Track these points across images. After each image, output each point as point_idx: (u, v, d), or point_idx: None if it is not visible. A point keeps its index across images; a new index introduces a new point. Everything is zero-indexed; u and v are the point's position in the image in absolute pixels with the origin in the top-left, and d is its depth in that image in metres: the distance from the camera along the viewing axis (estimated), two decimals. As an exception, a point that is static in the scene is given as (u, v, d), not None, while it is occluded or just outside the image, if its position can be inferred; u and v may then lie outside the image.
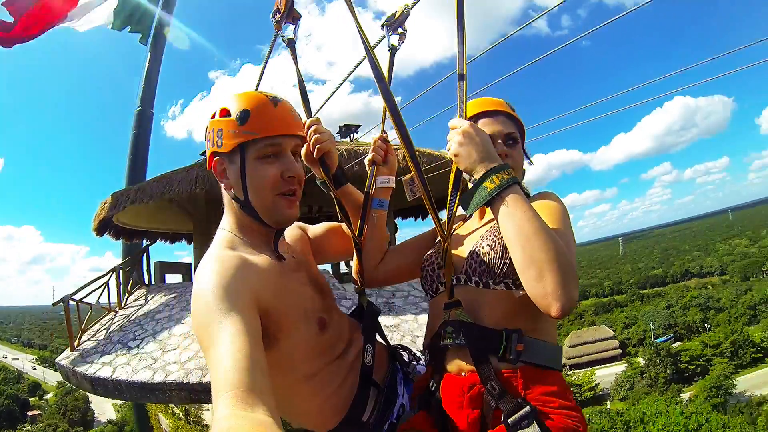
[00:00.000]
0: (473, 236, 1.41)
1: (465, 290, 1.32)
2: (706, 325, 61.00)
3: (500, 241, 1.26)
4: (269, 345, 1.15)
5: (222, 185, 1.36)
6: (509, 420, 1.13)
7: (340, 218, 1.60)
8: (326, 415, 1.39)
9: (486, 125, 1.43)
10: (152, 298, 9.20)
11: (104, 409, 44.67)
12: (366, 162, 1.64)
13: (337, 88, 3.88)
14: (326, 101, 4.14)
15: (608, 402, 44.42)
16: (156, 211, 10.84)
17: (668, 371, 47.34)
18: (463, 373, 1.26)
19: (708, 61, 3.74)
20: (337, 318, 1.49)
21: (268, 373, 0.92)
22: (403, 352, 1.67)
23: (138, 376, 6.42)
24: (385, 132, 1.66)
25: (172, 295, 8.91)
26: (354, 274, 1.64)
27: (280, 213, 1.33)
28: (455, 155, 1.23)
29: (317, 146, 1.43)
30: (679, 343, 58.26)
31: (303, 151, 1.44)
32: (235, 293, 1.07)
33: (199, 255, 10.95)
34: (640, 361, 51.28)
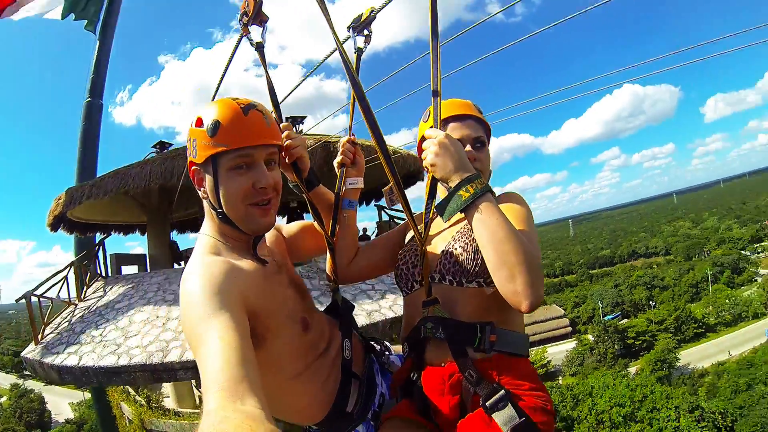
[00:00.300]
0: (443, 237, 1.59)
1: (440, 288, 1.50)
2: (651, 302, 66.47)
3: (471, 243, 1.45)
4: (257, 346, 1.22)
5: (200, 193, 1.44)
6: (487, 403, 1.33)
7: (312, 218, 1.75)
8: (314, 410, 1.56)
9: (455, 129, 1.58)
10: (110, 289, 9.82)
11: (61, 409, 45.15)
12: (335, 164, 1.76)
13: (303, 80, 4.20)
14: (290, 93, 4.40)
15: (560, 378, 47.64)
16: (110, 205, 11.28)
17: (616, 347, 51.57)
18: (442, 364, 1.46)
19: (661, 57, 4.25)
20: (317, 317, 1.66)
21: (258, 369, 0.98)
22: (376, 344, 1.87)
23: (104, 361, 7.09)
24: (353, 134, 1.80)
25: (130, 285, 9.52)
26: (328, 272, 1.79)
27: (254, 223, 1.42)
28: (432, 165, 1.36)
29: (290, 152, 1.57)
30: (626, 320, 63.34)
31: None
32: (223, 294, 1.16)
33: (154, 245, 11.88)
34: (590, 338, 54.89)
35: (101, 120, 16.70)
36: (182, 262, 12.21)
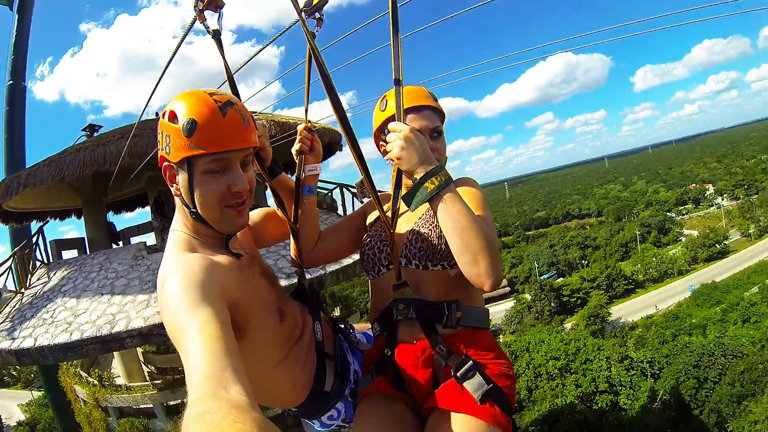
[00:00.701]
0: (407, 223, 1.80)
1: (407, 271, 1.73)
2: (584, 261, 73.07)
3: (435, 229, 1.69)
4: (238, 338, 1.28)
5: (172, 189, 1.50)
6: (458, 374, 1.58)
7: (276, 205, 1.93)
8: (295, 394, 1.77)
9: (413, 121, 1.74)
10: (54, 274, 10.64)
11: (11, 412, 45.83)
12: (293, 151, 1.88)
13: (258, 52, 4.34)
14: (235, 72, 4.75)
15: (500, 336, 50.78)
16: (45, 192, 11.64)
17: (552, 304, 56.24)
18: (414, 341, 1.71)
19: (594, 32, 4.65)
20: (290, 305, 1.82)
21: (241, 358, 1.04)
22: (341, 324, 2.07)
23: (57, 339, 8.01)
24: (309, 122, 1.92)
25: (73, 269, 10.38)
26: (293, 257, 1.96)
27: (229, 223, 1.51)
28: (398, 158, 1.53)
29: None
30: (561, 278, 69.44)
31: None
32: (203, 288, 1.24)
33: (91, 228, 12.54)
34: (527, 297, 59.69)
35: (25, 102, 17.12)
36: (120, 242, 13.10)
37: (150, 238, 12.50)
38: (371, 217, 2.03)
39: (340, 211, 13.25)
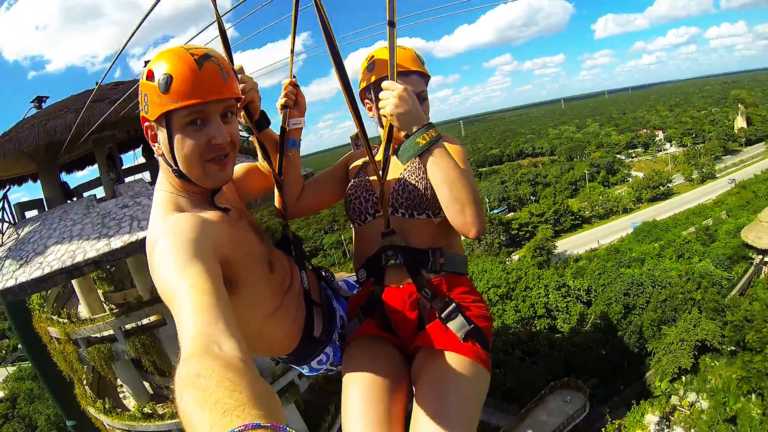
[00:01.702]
0: (393, 174, 1.91)
1: (393, 219, 1.89)
2: (533, 198, 76.18)
3: (421, 180, 1.84)
4: (232, 292, 1.44)
5: (154, 149, 1.55)
6: (442, 315, 1.77)
7: (261, 159, 2.02)
8: (288, 341, 1.89)
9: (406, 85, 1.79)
10: (22, 230, 12.57)
11: None
12: (277, 106, 1.98)
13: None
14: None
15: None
16: (3, 163, 12.80)
17: (501, 237, 59.15)
18: (400, 285, 1.88)
19: None
20: (278, 256, 1.90)
21: (232, 311, 1.08)
22: (323, 272, 2.22)
23: (33, 275, 10.41)
24: (294, 76, 2.00)
25: (37, 224, 12.41)
26: (277, 206, 2.06)
27: (212, 178, 1.54)
28: (391, 115, 1.68)
29: (242, 96, 1.71)
30: (511, 213, 72.72)
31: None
32: (194, 244, 1.28)
33: (48, 190, 14.03)
34: (477, 229, 62.90)
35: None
36: (74, 198, 14.37)
37: (99, 192, 14.02)
38: (354, 168, 2.16)
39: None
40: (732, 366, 28.19)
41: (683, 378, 30.08)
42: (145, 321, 13.96)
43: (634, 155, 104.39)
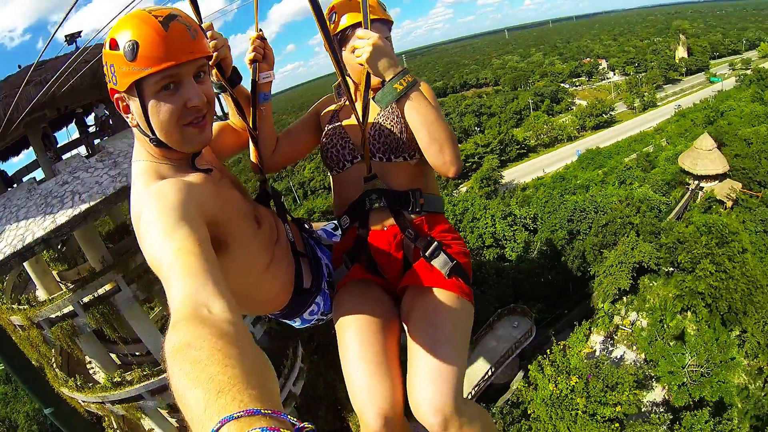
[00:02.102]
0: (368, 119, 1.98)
1: (372, 164, 1.99)
2: (478, 128, 77.00)
3: (396, 124, 1.96)
4: (224, 252, 1.54)
5: (128, 120, 1.54)
6: (426, 253, 1.95)
7: (237, 115, 2.04)
8: (283, 295, 1.98)
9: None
10: None
11: None
12: (246, 60, 2.01)
13: None
14: None
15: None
16: None
17: None
18: (384, 228, 2.01)
19: None
20: (262, 211, 1.95)
21: (220, 271, 1.11)
22: (304, 224, 2.32)
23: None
24: (260, 30, 1.98)
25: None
26: (254, 161, 2.11)
27: (191, 141, 1.55)
28: (368, 62, 1.77)
29: (213, 53, 1.71)
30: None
31: None
32: (180, 208, 1.30)
33: None
34: (421, 162, 63.12)
35: None
36: (15, 185, 14.43)
37: (39, 174, 14.38)
38: (325, 115, 2.23)
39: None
40: (668, 286, 30.38)
41: (624, 299, 32.16)
42: (100, 291, 14.27)
43: (578, 84, 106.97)
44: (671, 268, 31.21)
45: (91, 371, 17.19)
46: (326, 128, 2.15)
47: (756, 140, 44.82)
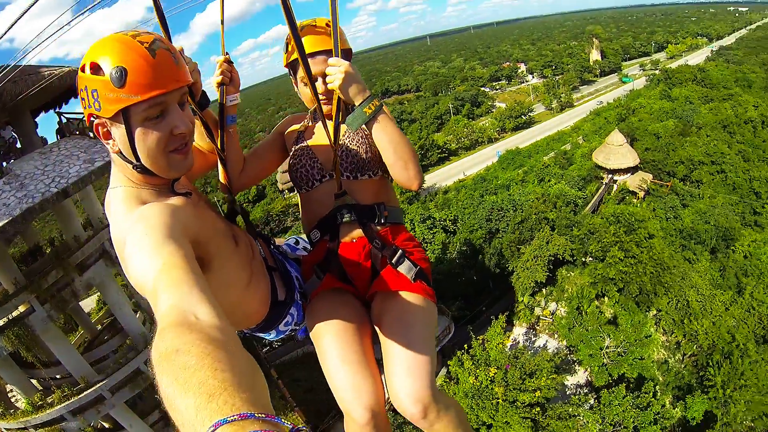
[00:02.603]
0: (326, 141, 2.22)
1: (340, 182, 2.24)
2: (399, 134, 79.71)
3: (361, 145, 2.23)
4: (208, 270, 1.64)
5: (107, 147, 1.58)
6: (393, 261, 2.23)
7: (206, 137, 2.17)
8: (262, 309, 2.14)
9: (322, 63, 2.13)
10: None
11: None
12: (213, 83, 2.18)
13: None
14: None
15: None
16: None
17: None
18: (354, 240, 2.28)
19: None
20: (236, 229, 2.10)
21: (206, 283, 1.15)
22: (270, 240, 2.53)
23: None
24: (227, 53, 2.17)
25: None
26: (222, 182, 2.26)
27: (176, 168, 1.62)
28: (340, 88, 1.97)
29: None
30: (375, 151, 75.17)
31: None
32: (164, 228, 1.35)
33: None
34: (339, 170, 63.30)
35: None
36: None
37: None
38: (289, 135, 2.46)
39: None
40: (583, 275, 32.33)
41: (543, 290, 33.84)
42: (14, 313, 14.08)
43: (498, 87, 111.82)
44: (587, 258, 33.14)
45: (13, 399, 17.09)
46: (293, 149, 2.36)
47: (664, 134, 49.02)
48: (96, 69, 1.42)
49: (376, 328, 2.19)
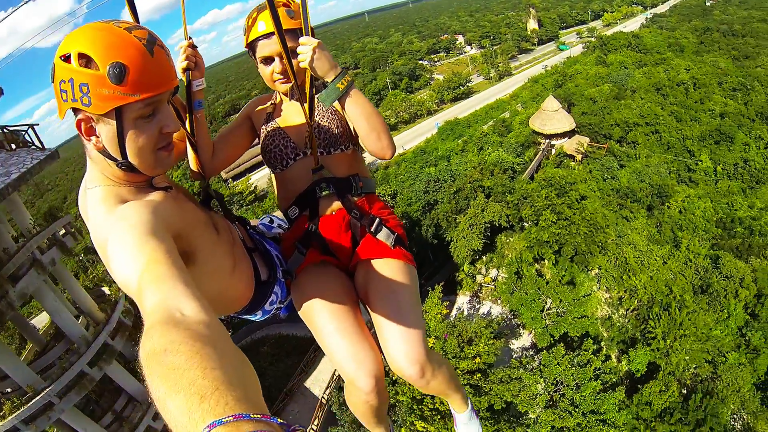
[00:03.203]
0: (299, 118, 2.33)
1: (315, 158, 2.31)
2: (337, 112, 78.51)
3: (332, 121, 2.32)
4: (194, 262, 1.66)
5: (89, 142, 1.55)
6: (371, 229, 2.32)
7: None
8: (248, 292, 2.16)
9: (269, 47, 2.25)
10: None
11: None
12: (179, 69, 2.13)
13: None
14: None
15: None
16: None
17: None
18: (333, 212, 2.35)
19: None
20: (215, 217, 2.10)
21: (190, 276, 1.17)
22: (246, 222, 2.50)
23: None
24: (190, 38, 2.16)
25: None
26: (194, 169, 2.29)
27: (162, 164, 1.66)
28: (311, 65, 2.04)
29: None
30: (312, 130, 73.94)
31: None
32: (145, 225, 1.36)
33: None
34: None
35: None
36: None
37: None
38: (257, 115, 2.50)
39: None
40: (520, 240, 32.73)
41: (484, 258, 34.29)
42: None
43: (436, 60, 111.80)
44: (525, 224, 33.49)
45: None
46: (263, 129, 2.42)
47: (600, 98, 50.26)
48: (87, 61, 1.37)
49: (363, 296, 2.30)
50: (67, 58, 1.39)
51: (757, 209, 35.35)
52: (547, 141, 46.80)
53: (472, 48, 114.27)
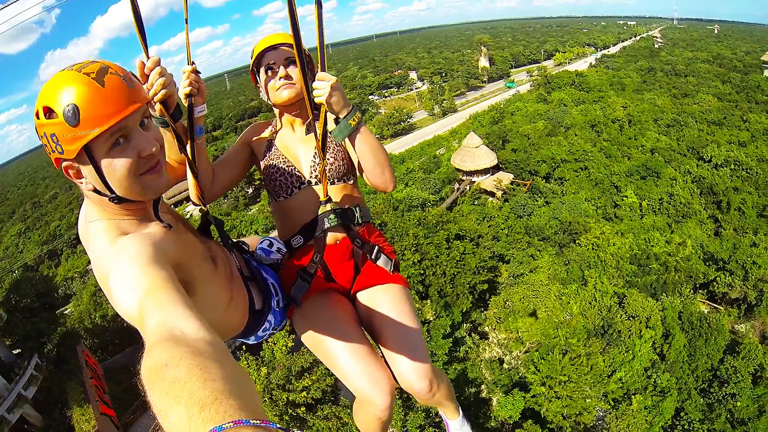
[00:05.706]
0: (306, 150, 2.52)
1: (319, 188, 2.46)
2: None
3: (338, 154, 2.50)
4: (191, 295, 1.56)
5: (81, 186, 1.61)
6: (372, 256, 2.56)
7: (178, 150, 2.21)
8: (242, 321, 2.26)
9: (274, 56, 2.47)
10: None
11: None
12: (181, 95, 2.13)
13: None
14: None
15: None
16: None
17: (247, 190, 59.50)
18: (338, 242, 2.52)
19: None
20: (214, 248, 2.18)
21: (190, 300, 1.23)
22: (243, 246, 2.60)
23: None
24: (193, 62, 2.19)
25: None
26: (195, 196, 2.32)
27: (152, 188, 1.65)
28: (327, 101, 2.16)
29: (162, 90, 1.83)
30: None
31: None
32: (146, 256, 1.41)
33: None
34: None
35: None
36: None
37: None
38: (258, 143, 2.63)
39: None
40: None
41: None
42: None
43: (387, 95, 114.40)
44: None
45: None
46: (266, 157, 2.55)
47: (534, 135, 51.18)
48: (49, 113, 1.42)
49: (366, 318, 2.51)
50: (37, 116, 1.45)
51: (674, 244, 35.59)
52: (468, 177, 47.34)
53: (423, 84, 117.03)
